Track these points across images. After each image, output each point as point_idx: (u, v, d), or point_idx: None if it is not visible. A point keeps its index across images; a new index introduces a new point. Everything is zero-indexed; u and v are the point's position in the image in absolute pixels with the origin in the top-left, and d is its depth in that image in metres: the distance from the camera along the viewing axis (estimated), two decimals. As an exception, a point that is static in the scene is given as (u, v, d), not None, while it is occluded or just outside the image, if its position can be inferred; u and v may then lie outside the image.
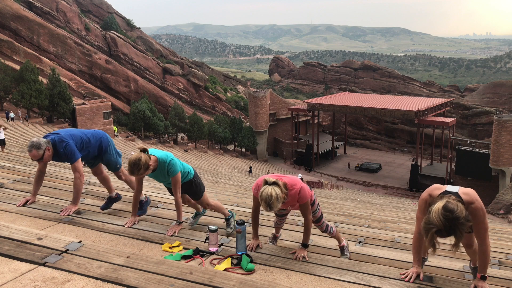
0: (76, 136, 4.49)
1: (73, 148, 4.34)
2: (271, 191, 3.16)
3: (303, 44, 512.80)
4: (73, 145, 4.35)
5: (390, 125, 68.42)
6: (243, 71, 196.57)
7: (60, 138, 4.34)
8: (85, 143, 4.55)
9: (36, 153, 4.17)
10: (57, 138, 4.34)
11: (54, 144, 4.32)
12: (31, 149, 4.16)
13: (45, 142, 4.23)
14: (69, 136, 4.41)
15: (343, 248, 4.21)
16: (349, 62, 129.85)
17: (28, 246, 2.70)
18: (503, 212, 28.02)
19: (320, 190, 33.09)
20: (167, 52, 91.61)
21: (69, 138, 4.37)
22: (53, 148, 4.31)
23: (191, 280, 2.49)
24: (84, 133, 4.64)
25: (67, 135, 4.41)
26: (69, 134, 4.43)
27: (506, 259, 5.41)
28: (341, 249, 4.21)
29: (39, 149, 4.17)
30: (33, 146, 4.16)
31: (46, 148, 4.22)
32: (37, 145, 4.16)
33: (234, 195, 11.74)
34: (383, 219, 11.19)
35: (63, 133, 4.44)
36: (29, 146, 4.20)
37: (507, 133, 39.69)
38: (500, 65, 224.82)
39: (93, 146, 4.65)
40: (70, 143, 4.34)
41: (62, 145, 4.31)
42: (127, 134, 48.65)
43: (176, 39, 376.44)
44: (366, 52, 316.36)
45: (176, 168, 4.06)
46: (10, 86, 38.86)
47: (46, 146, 4.22)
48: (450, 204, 2.66)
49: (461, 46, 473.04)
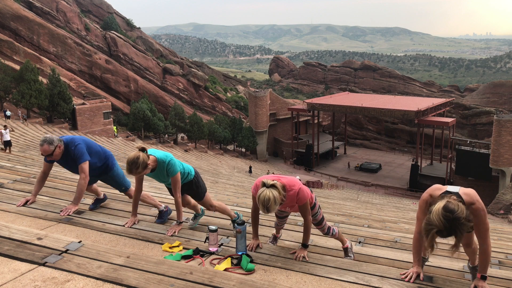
0: (87, 141, 4.62)
1: (84, 150, 4.45)
2: (268, 194, 3.14)
3: (303, 44, 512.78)
4: (84, 147, 4.46)
5: (390, 125, 68.43)
6: (243, 71, 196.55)
7: (72, 139, 4.50)
8: (94, 151, 4.63)
9: (47, 148, 4.26)
10: (69, 138, 4.49)
11: (66, 143, 4.42)
12: (43, 143, 4.26)
13: (57, 139, 4.36)
14: (82, 140, 4.55)
15: (347, 250, 4.17)
16: (349, 62, 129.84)
17: (28, 246, 2.70)
18: (503, 212, 28.02)
19: (320, 190, 33.09)
20: (167, 52, 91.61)
21: (81, 141, 4.50)
22: (64, 148, 4.40)
23: (191, 280, 2.49)
24: (95, 143, 4.77)
25: (80, 138, 4.56)
26: (81, 139, 4.58)
27: (506, 259, 5.41)
28: (345, 251, 4.17)
29: (51, 145, 4.27)
30: (45, 141, 4.26)
31: (58, 145, 4.32)
32: (49, 140, 4.27)
33: (234, 195, 11.75)
34: (383, 219, 11.19)
35: (77, 137, 4.60)
36: (41, 140, 4.31)
37: (507, 133, 39.69)
38: (500, 65, 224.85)
39: (100, 158, 4.71)
40: (82, 145, 4.46)
41: (74, 144, 4.42)
42: (127, 134, 48.67)
43: (176, 39, 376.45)
44: (366, 52, 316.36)
45: (175, 168, 4.06)
46: (10, 86, 38.84)
47: (58, 143, 4.33)
48: (451, 205, 2.65)
49: (461, 46, 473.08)
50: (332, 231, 4.02)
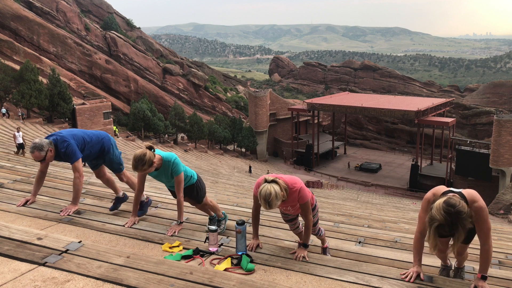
0: (77, 136, 4.52)
1: (74, 148, 4.37)
2: (270, 188, 3.17)
3: (303, 44, 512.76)
4: (74, 145, 4.38)
5: (390, 125, 68.43)
6: (243, 71, 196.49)
7: (62, 138, 4.38)
8: (87, 143, 4.58)
9: (38, 155, 4.22)
10: (59, 138, 4.38)
11: (56, 144, 4.35)
12: (34, 150, 4.21)
13: (47, 143, 4.28)
14: (71, 136, 4.44)
15: (325, 250, 4.26)
16: (349, 62, 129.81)
17: (28, 246, 2.70)
18: (503, 212, 28.02)
19: (320, 190, 33.09)
20: (167, 52, 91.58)
21: (70, 138, 4.40)
22: (55, 149, 4.34)
23: (191, 280, 2.49)
24: (86, 133, 4.66)
25: (69, 135, 4.45)
26: (71, 134, 4.47)
27: (506, 259, 5.41)
28: (323, 250, 4.26)
29: (41, 151, 4.21)
30: (35, 148, 4.20)
31: (49, 149, 4.27)
32: (39, 146, 4.20)
33: (234, 195, 11.75)
34: (383, 219, 11.19)
35: (65, 133, 4.47)
36: (31, 147, 4.25)
37: (507, 133, 39.70)
38: (500, 65, 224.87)
39: (95, 146, 4.67)
40: (72, 143, 4.37)
41: (64, 145, 4.34)
42: (127, 134, 48.66)
43: (176, 39, 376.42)
44: (366, 52, 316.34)
45: (179, 167, 4.09)
46: (10, 86, 38.82)
47: (48, 147, 4.27)
48: (452, 200, 2.68)
49: (461, 46, 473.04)
50: (320, 232, 4.12)
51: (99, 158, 4.80)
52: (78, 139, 4.49)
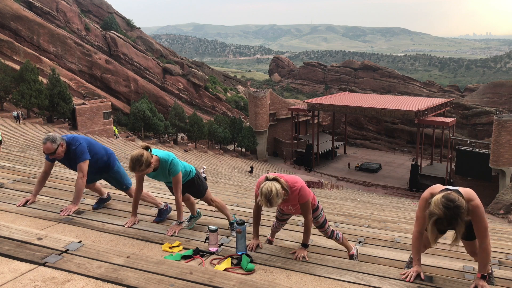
0: (90, 141, 4.64)
1: (85, 149, 4.45)
2: (271, 186, 3.18)
3: (303, 44, 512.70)
4: (85, 146, 4.47)
5: (390, 125, 68.42)
6: (243, 71, 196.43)
7: (74, 138, 4.52)
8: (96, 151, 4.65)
9: (50, 146, 4.27)
10: (71, 137, 4.51)
11: (68, 142, 4.44)
12: (46, 141, 4.27)
13: (60, 137, 4.38)
14: (84, 139, 4.57)
15: (353, 257, 4.10)
16: (349, 62, 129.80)
17: (28, 246, 2.70)
18: (503, 212, 28.02)
19: (320, 190, 33.08)
20: (167, 52, 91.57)
21: (83, 141, 4.52)
22: (66, 147, 4.42)
23: (191, 280, 2.49)
24: (98, 143, 4.80)
25: (83, 138, 4.58)
26: (84, 138, 4.60)
27: (506, 259, 5.41)
28: (351, 257, 4.09)
29: (54, 143, 4.28)
30: (48, 139, 4.28)
31: (60, 144, 4.33)
32: (52, 138, 4.29)
33: (234, 195, 11.75)
34: (383, 219, 11.19)
35: (79, 135, 4.62)
36: (44, 138, 4.32)
37: (507, 133, 39.70)
38: (500, 65, 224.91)
39: (100, 158, 4.72)
40: (84, 144, 4.47)
41: (75, 144, 4.43)
42: (127, 134, 48.67)
43: (176, 39, 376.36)
44: (366, 52, 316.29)
45: (177, 168, 4.08)
46: (10, 86, 38.83)
47: (61, 141, 4.35)
48: (451, 196, 2.69)
49: (461, 46, 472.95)
50: (336, 235, 3.97)
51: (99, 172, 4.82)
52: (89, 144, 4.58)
